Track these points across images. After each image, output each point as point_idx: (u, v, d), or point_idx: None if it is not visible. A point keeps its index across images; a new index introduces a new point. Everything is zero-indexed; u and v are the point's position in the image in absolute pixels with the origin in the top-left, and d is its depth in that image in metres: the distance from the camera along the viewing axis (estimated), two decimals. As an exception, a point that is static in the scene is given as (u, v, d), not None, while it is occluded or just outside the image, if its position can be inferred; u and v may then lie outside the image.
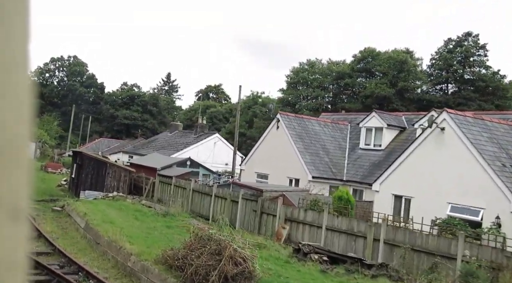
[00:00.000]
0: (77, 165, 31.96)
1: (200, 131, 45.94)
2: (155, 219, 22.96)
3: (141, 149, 48.95)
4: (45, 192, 32.76)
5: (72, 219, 22.99)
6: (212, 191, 24.89)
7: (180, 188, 28.25)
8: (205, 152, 43.67)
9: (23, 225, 0.65)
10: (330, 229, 18.18)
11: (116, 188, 31.37)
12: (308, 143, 27.47)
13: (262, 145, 29.59)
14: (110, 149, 71.36)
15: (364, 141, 27.53)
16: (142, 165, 33.92)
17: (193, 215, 25.65)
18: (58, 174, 45.94)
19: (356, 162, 26.94)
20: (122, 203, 27.63)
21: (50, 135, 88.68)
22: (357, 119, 30.95)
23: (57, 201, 28.40)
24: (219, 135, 45.48)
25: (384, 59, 61.72)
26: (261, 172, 29.36)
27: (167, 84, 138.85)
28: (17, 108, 0.64)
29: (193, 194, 26.73)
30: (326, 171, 26.12)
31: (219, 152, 44.28)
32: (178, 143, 45.60)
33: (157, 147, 47.24)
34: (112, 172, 31.38)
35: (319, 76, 68.59)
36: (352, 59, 67.54)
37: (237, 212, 22.57)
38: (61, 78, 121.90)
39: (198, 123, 47.04)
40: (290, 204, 20.50)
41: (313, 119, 30.00)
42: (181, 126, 51.90)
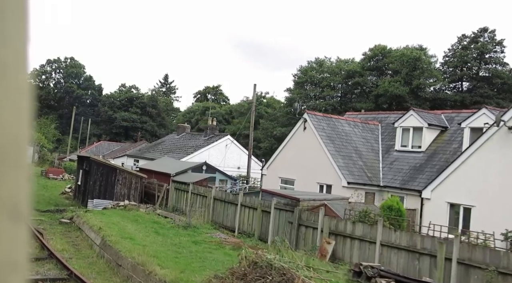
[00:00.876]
0: (84, 171, 29.46)
1: (210, 133, 43.45)
2: (176, 232, 20.49)
3: (147, 152, 46.42)
4: (49, 201, 30.25)
5: (83, 234, 20.50)
6: (237, 199, 22.44)
7: (199, 196, 25.79)
8: (216, 155, 41.22)
9: (24, 225, 0.65)
10: (386, 245, 15.76)
11: (127, 196, 28.89)
12: (340, 145, 25.07)
13: (287, 148, 27.16)
14: (112, 153, 68.78)
15: (401, 143, 25.15)
16: (153, 171, 31.43)
17: (216, 226, 23.21)
18: (60, 180, 43.38)
19: (393, 165, 24.56)
20: (136, 213, 25.17)
21: (47, 138, 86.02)
22: (388, 118, 28.59)
23: (63, 211, 25.89)
24: (231, 137, 43.00)
25: (397, 57, 59.43)
26: (286, 177, 26.94)
27: (164, 85, 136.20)
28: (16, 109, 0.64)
29: (214, 202, 24.28)
30: (361, 176, 23.73)
31: (231, 155, 41.84)
32: (187, 146, 43.11)
33: (164, 150, 44.73)
34: (122, 179, 28.90)
35: (328, 75, 66.23)
36: (362, 57, 65.22)
37: (269, 224, 20.13)
38: (58, 80, 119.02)
39: (208, 125, 44.53)
40: (333, 215, 18.08)
41: (341, 119, 27.57)
42: (189, 128, 49.35)
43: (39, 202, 29.26)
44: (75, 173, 44.85)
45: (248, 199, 21.90)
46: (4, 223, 0.63)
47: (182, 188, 27.62)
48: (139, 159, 45.43)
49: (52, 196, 32.67)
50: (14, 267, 0.63)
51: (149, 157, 43.84)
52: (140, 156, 45.78)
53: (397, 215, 17.72)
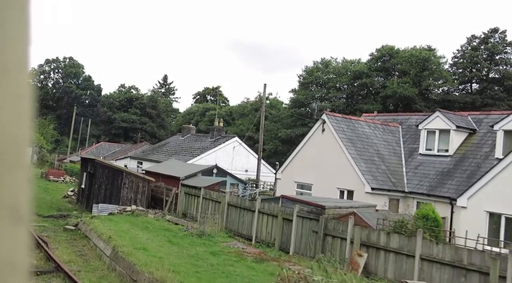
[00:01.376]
0: (88, 174, 28.00)
1: (217, 135, 41.99)
2: (191, 241, 19.06)
3: (151, 154, 44.93)
4: (51, 205, 28.79)
5: (91, 242, 19.05)
6: (255, 206, 21.00)
7: (211, 201, 24.35)
8: (224, 157, 39.77)
9: (24, 226, 0.66)
10: (427, 259, 14.35)
11: (134, 200, 27.44)
12: (361, 148, 23.66)
13: (304, 151, 25.73)
14: (113, 154, 67.25)
15: (425, 146, 23.74)
16: (160, 174, 29.98)
17: (231, 234, 21.78)
18: (61, 182, 41.88)
19: (417, 170, 23.16)
20: (145, 219, 23.73)
21: (46, 139, 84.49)
22: (409, 120, 27.21)
23: (67, 217, 24.43)
24: (238, 139, 41.54)
25: (405, 57, 58.12)
26: (302, 181, 25.53)
27: (163, 86, 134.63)
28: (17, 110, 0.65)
29: (229, 209, 22.84)
30: (385, 181, 22.33)
31: (238, 158, 40.41)
32: (193, 148, 41.64)
33: (169, 152, 43.25)
34: (129, 182, 27.45)
35: (334, 76, 64.89)
36: (369, 57, 63.87)
37: (291, 233, 18.70)
38: (57, 80, 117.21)
39: (214, 126, 43.03)
40: (363, 224, 16.68)
41: (361, 120, 26.14)
42: (194, 129, 47.83)
43: (41, 206, 27.80)
44: (77, 175, 43.43)
45: (267, 206, 20.48)
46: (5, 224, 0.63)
47: (192, 192, 26.18)
48: (143, 161, 43.94)
49: (54, 199, 31.20)
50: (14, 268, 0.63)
51: (154, 159, 42.37)
52: (144, 158, 44.28)
53: (434, 225, 16.32)
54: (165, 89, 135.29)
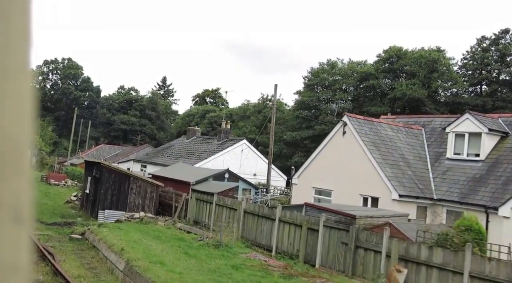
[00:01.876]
0: (94, 178, 26.55)
1: (224, 137, 40.54)
2: (208, 253, 17.62)
3: (155, 157, 43.46)
4: (53, 211, 27.32)
5: (100, 254, 17.59)
6: (275, 214, 19.57)
7: (225, 208, 22.91)
8: (232, 161, 38.33)
9: (26, 227, 0.66)
10: (477, 277, 12.93)
11: (141, 206, 26.00)
12: (385, 152, 22.25)
13: (322, 155, 24.30)
14: (114, 157, 65.73)
15: (453, 150, 22.33)
16: (168, 178, 28.55)
17: (248, 244, 20.35)
18: (62, 186, 40.35)
19: (446, 176, 21.76)
20: (155, 227, 22.29)
21: (44, 141, 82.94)
22: (432, 123, 25.80)
23: (72, 225, 22.96)
24: (247, 142, 40.09)
25: (414, 58, 56.78)
26: (321, 187, 24.10)
27: (162, 88, 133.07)
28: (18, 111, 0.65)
29: (245, 216, 21.40)
30: (413, 188, 20.93)
31: (247, 161, 38.97)
32: (199, 151, 40.19)
33: (174, 155, 41.79)
34: (136, 188, 26.01)
35: (340, 77, 63.50)
36: (376, 58, 62.51)
37: (317, 245, 17.28)
38: (55, 81, 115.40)
39: (222, 128, 41.57)
40: (400, 236, 15.26)
41: (383, 123, 24.73)
42: (199, 132, 46.32)
43: (43, 212, 26.34)
44: (79, 179, 41.92)
45: (288, 214, 19.04)
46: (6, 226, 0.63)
47: (204, 198, 24.74)
48: (147, 164, 42.50)
49: (56, 205, 29.73)
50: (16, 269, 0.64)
51: (158, 162, 40.91)
52: (148, 161, 42.83)
53: (478, 238, 14.93)
54: (164, 91, 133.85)
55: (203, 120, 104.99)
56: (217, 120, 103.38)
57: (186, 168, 30.60)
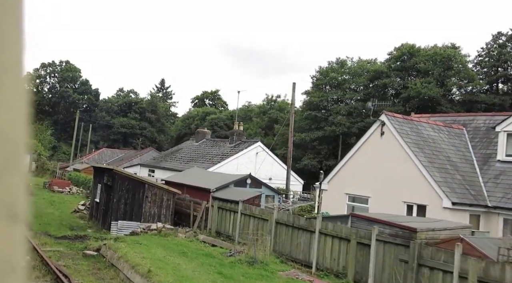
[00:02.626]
0: (105, 186, 24.35)
1: (237, 139, 38.37)
2: (244, 272, 15.47)
3: (164, 161, 41.24)
4: (61, 222, 25.11)
5: (121, 274, 15.41)
6: (313, 225, 17.42)
7: (252, 218, 20.73)
8: (246, 164, 36.20)
9: (22, 226, 0.66)
10: None
11: (157, 216, 23.82)
12: (430, 154, 20.13)
13: (357, 158, 22.17)
14: (117, 161, 63.49)
15: (505, 151, 20.21)
16: (184, 184, 26.38)
17: (282, 259, 18.19)
18: (67, 193, 38.06)
19: (499, 180, 19.65)
20: (176, 240, 20.14)
21: (43, 145, 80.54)
22: (475, 122, 23.70)
23: (85, 239, 20.73)
24: (261, 144, 37.92)
25: (428, 56, 54.79)
26: (355, 194, 21.97)
27: (161, 90, 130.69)
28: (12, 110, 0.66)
29: (277, 227, 19.24)
30: (465, 194, 18.81)
31: (262, 165, 36.82)
32: (211, 154, 38.00)
33: (184, 159, 39.60)
34: (151, 196, 23.83)
35: (350, 77, 61.46)
36: (387, 56, 60.53)
37: (369, 262, 15.13)
38: (53, 84, 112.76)
39: (234, 130, 39.38)
40: (475, 254, 13.13)
41: (423, 122, 22.61)
42: (209, 134, 44.10)
43: (50, 224, 24.15)
44: (85, 186, 39.57)
45: (331, 226, 16.89)
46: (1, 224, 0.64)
47: (227, 207, 22.56)
48: (155, 169, 40.31)
49: (63, 215, 27.51)
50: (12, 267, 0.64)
51: (168, 167, 38.73)
52: (156, 166, 40.62)
53: None
54: (163, 94, 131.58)
55: (204, 123, 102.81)
56: (217, 122, 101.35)
57: (202, 173, 28.41)
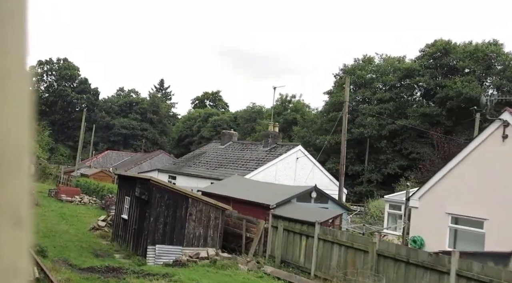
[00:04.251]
0: (138, 200, 19.45)
1: (272, 142, 33.52)
2: None
3: (185, 166, 36.28)
4: (81, 244, 20.15)
5: None
6: (444, 263, 12.59)
7: (338, 245, 15.87)
8: (285, 171, 31.40)
9: (25, 231, 0.66)
10: None
11: (203, 238, 18.95)
12: None
13: (463, 168, 17.39)
14: (125, 165, 58.43)
15: None
16: (230, 197, 21.57)
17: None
18: (77, 204, 32.95)
19: None
20: (239, 275, 15.28)
21: (41, 147, 75.34)
22: None
23: (120, 272, 15.73)
24: (302, 148, 33.05)
25: (468, 53, 50.16)
26: (463, 214, 17.18)
27: (160, 91, 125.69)
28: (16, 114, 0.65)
29: (380, 262, 14.39)
30: None
31: (302, 172, 32.03)
32: (244, 159, 33.07)
33: (210, 164, 34.67)
34: (196, 213, 18.96)
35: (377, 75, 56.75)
36: (420, 53, 55.87)
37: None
38: (50, 83, 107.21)
39: (269, 131, 34.45)
40: None
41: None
42: (236, 136, 39.12)
43: (67, 246, 19.23)
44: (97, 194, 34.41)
45: (477, 268, 12.03)
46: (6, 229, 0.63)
47: (296, 229, 17.71)
48: (176, 176, 35.36)
49: (80, 233, 22.55)
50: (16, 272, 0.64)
51: (192, 173, 33.83)
52: (177, 172, 35.67)
53: None
54: (162, 94, 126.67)
55: (206, 124, 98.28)
56: (221, 123, 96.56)
57: (248, 183, 23.56)
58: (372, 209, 28.48)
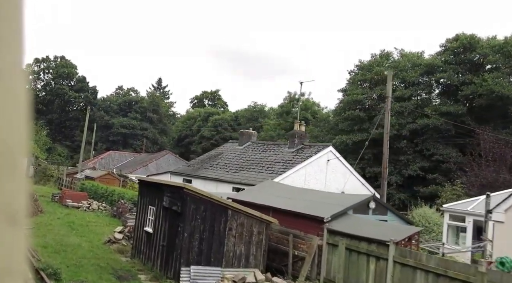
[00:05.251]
0: (166, 211, 16.34)
1: (298, 143, 30.43)
2: None
3: (202, 169, 33.09)
4: (97, 261, 17.04)
5: None
6: None
7: (424, 272, 12.77)
8: (315, 175, 28.32)
9: (21, 230, 0.66)
10: None
11: (245, 257, 15.88)
12: None
13: None
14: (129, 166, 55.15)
15: None
16: (270, 207, 18.49)
17: None
18: (85, 210, 29.64)
19: None
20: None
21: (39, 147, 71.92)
22: None
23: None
24: (333, 149, 29.92)
25: (496, 47, 47.20)
26: None
27: (158, 90, 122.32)
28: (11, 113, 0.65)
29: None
30: None
31: (333, 176, 28.97)
32: (268, 161, 29.90)
33: (231, 166, 31.50)
34: (237, 226, 15.89)
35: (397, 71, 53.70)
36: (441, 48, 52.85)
37: None
38: (47, 81, 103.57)
39: (295, 131, 31.34)
40: None
41: None
42: (255, 136, 35.92)
43: (82, 265, 16.14)
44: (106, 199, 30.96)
45: None
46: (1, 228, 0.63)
47: (360, 248, 14.64)
48: (192, 179, 32.20)
49: (95, 248, 19.40)
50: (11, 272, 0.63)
51: (211, 176, 30.71)
52: (193, 175, 32.48)
53: None
54: (160, 93, 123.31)
55: (207, 124, 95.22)
56: (221, 123, 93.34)
57: (288, 190, 20.43)
58: (417, 218, 25.41)
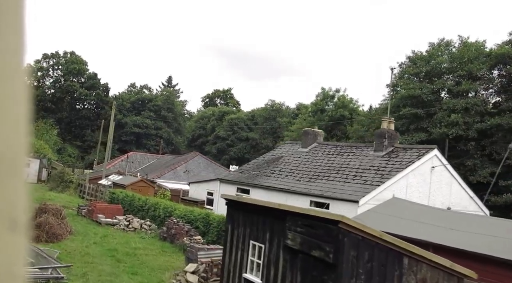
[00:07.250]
0: (295, 256, 10.09)
1: (388, 145, 24.25)
2: None
3: (261, 176, 26.84)
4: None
5: None
6: None
7: None
8: (418, 186, 22.08)
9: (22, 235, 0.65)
10: None
11: (427, 332, 9.59)
12: None
13: None
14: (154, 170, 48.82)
15: None
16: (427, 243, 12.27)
17: None
18: (124, 230, 23.12)
19: None
20: None
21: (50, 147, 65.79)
22: None
23: None
24: (438, 153, 23.63)
25: None
26: None
27: (168, 88, 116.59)
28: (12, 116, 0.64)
29: None
30: None
31: (436, 186, 22.75)
32: (351, 168, 23.46)
33: (301, 173, 25.20)
34: None
35: (458, 63, 47.41)
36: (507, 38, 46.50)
37: None
38: (56, 78, 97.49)
39: (382, 129, 25.02)
40: None
41: None
42: (322, 135, 29.54)
43: None
44: (145, 213, 23.95)
45: None
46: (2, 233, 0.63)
47: None
48: (250, 189, 26.03)
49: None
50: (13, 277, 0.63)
51: (276, 186, 24.49)
52: (251, 184, 26.23)
53: None
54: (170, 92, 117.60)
55: (221, 123, 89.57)
56: (237, 122, 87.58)
57: (433, 213, 14.21)
58: None
